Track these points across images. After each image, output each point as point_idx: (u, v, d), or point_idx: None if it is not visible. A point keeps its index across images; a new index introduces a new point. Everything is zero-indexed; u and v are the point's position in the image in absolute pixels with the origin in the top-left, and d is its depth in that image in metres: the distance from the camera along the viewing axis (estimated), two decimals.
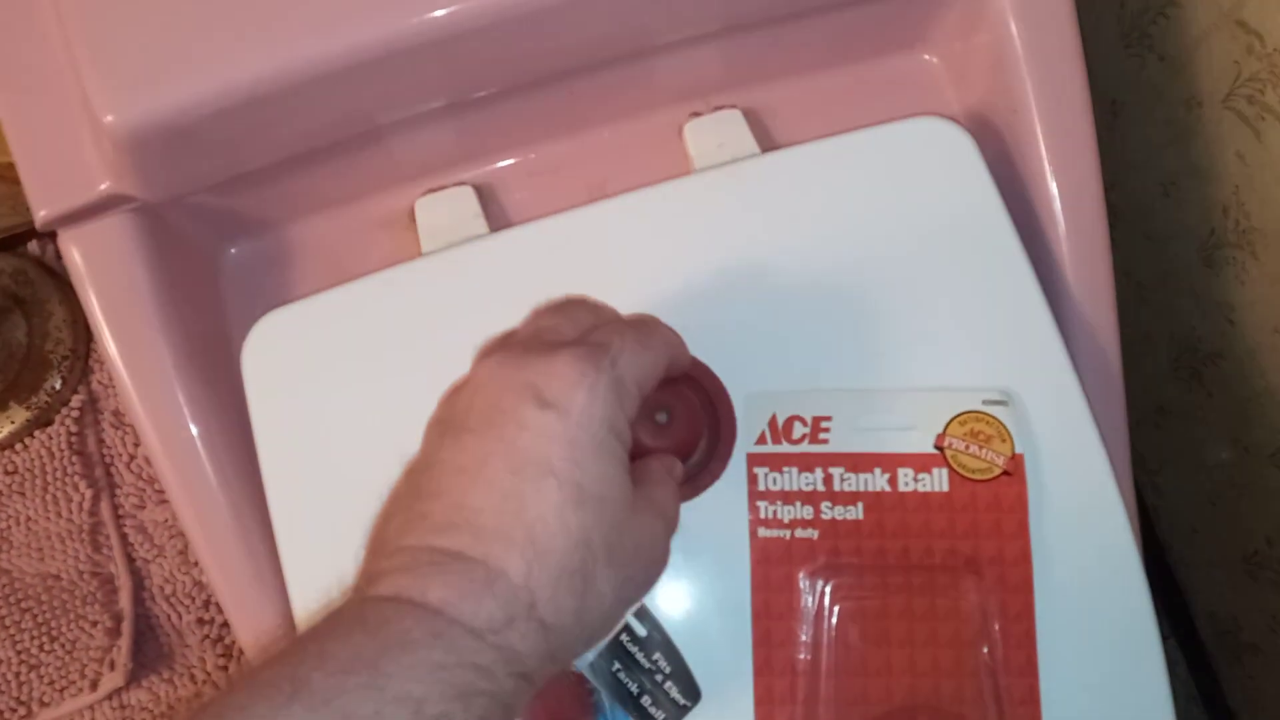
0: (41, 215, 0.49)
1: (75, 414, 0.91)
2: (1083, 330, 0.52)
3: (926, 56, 0.57)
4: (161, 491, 0.90)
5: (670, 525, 0.38)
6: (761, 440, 0.47)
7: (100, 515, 0.90)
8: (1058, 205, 0.52)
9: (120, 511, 0.90)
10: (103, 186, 0.48)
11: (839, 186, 0.50)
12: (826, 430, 0.47)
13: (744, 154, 0.54)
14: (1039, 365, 0.48)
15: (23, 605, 0.88)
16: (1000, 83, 0.53)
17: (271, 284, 0.56)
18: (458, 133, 0.55)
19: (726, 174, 0.52)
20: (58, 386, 0.91)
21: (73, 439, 0.91)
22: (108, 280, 0.50)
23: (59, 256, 0.95)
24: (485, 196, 0.56)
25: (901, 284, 0.50)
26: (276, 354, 0.50)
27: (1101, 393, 0.51)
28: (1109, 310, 0.51)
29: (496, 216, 0.57)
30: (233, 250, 0.56)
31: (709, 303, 0.49)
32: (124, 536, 0.90)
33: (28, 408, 0.91)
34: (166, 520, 0.90)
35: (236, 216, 0.54)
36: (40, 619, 0.88)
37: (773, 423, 0.47)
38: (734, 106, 0.57)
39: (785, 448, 0.47)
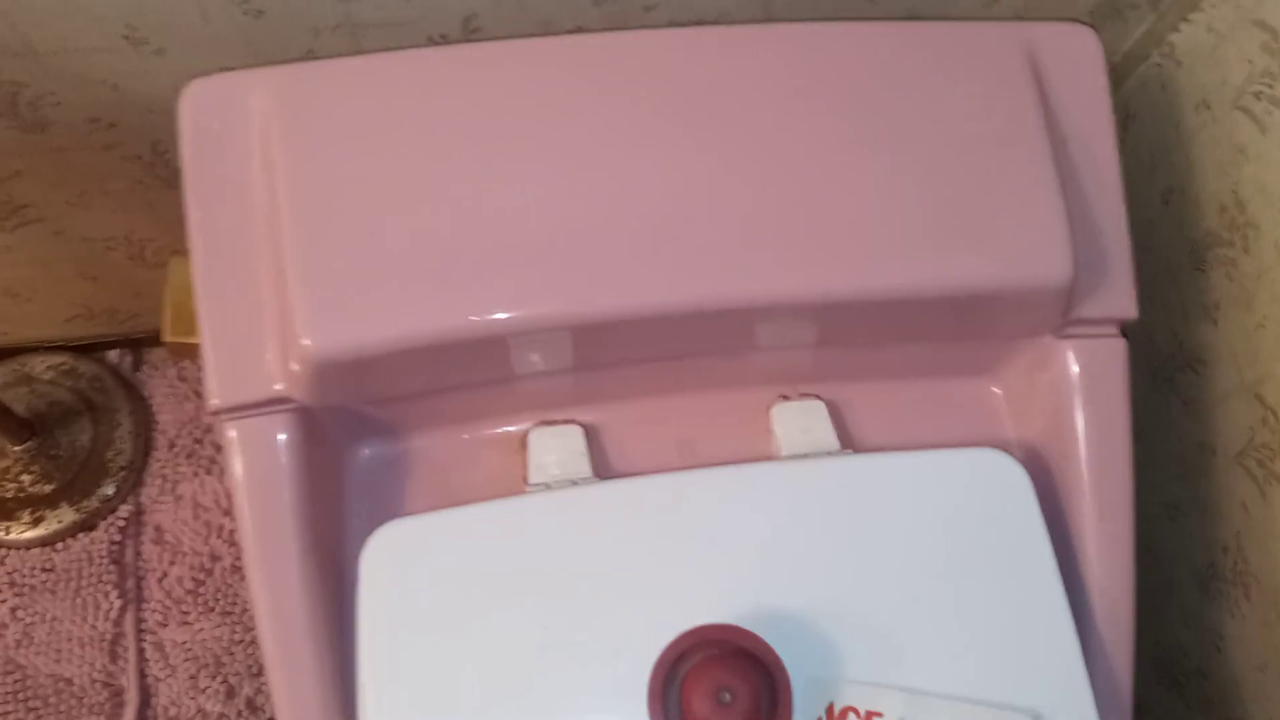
0: (215, 403, 0.55)
1: (120, 523, 0.95)
2: (1101, 657, 0.59)
3: (994, 389, 0.65)
4: (186, 612, 0.94)
5: None
6: None
7: (124, 627, 0.93)
8: (1092, 549, 0.59)
9: (143, 626, 0.93)
10: (276, 388, 0.54)
11: (907, 499, 0.57)
12: None
13: (825, 444, 0.62)
14: (1064, 693, 0.54)
15: (29, 704, 0.90)
16: (1055, 429, 0.61)
17: (386, 484, 0.62)
18: (576, 382, 0.62)
19: (809, 468, 0.59)
20: (110, 494, 0.95)
21: (113, 547, 0.94)
22: (258, 468, 0.55)
23: (135, 368, 1.01)
24: (590, 434, 0.63)
25: (951, 597, 0.56)
26: (393, 562, 0.55)
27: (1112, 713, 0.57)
28: (1127, 651, 0.58)
29: (598, 455, 0.63)
30: (356, 449, 0.62)
31: (779, 585, 0.55)
32: (141, 651, 0.92)
33: (77, 510, 0.94)
34: (185, 642, 0.93)
35: (369, 423, 0.60)
36: None
37: (829, 710, 0.53)
38: (817, 397, 0.64)
39: None
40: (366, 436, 0.61)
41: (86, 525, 0.95)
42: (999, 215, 0.56)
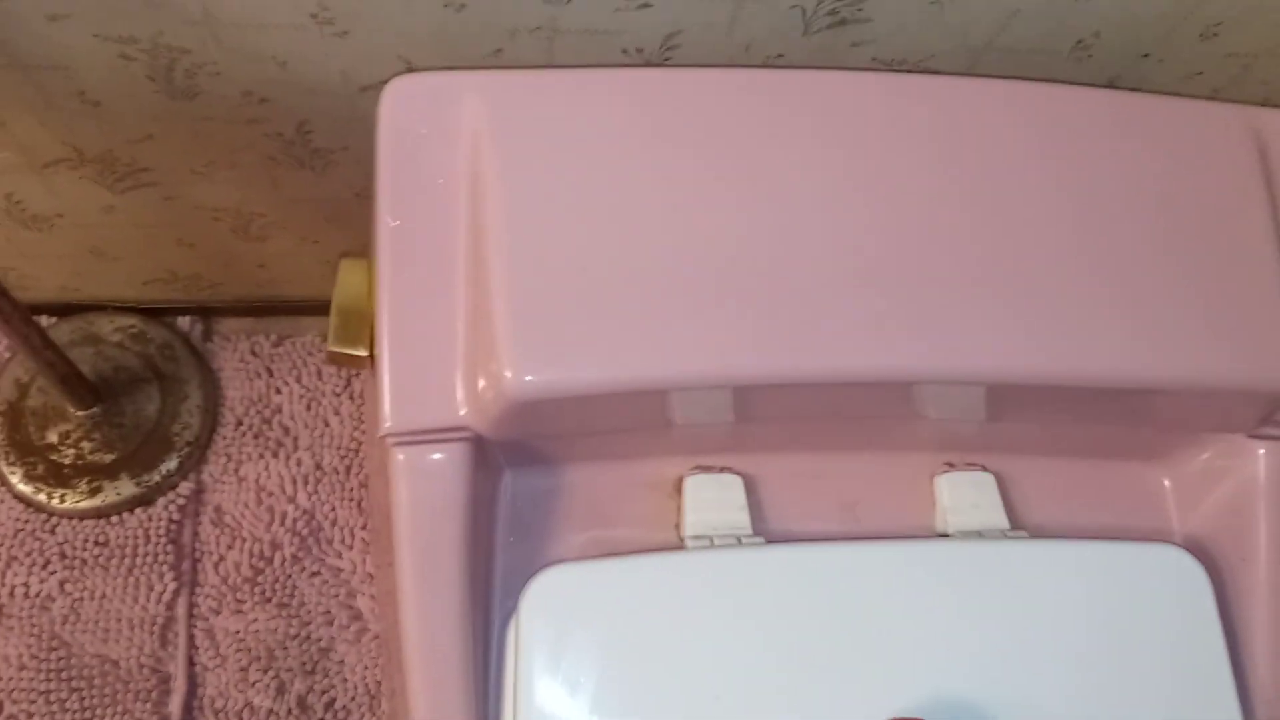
0: (388, 425, 0.51)
1: (181, 501, 0.91)
2: None
3: (1164, 478, 0.63)
4: (240, 601, 0.90)
5: None
6: None
7: (176, 610, 0.89)
8: (1262, 659, 0.57)
9: (195, 611, 0.89)
10: (460, 415, 0.51)
11: (1085, 590, 0.55)
12: None
13: (994, 522, 0.59)
14: None
15: (73, 684, 0.86)
16: (1232, 529, 0.59)
17: (537, 514, 0.58)
18: (737, 431, 0.59)
19: (983, 551, 0.56)
20: (172, 469, 0.91)
21: (172, 526, 0.90)
22: (426, 497, 0.52)
23: (206, 338, 0.96)
24: (748, 484, 0.60)
25: (1125, 696, 0.54)
26: (554, 609, 0.52)
27: None
28: None
29: (755, 507, 0.60)
30: (511, 477, 0.59)
31: (952, 672, 0.53)
32: (192, 638, 0.88)
33: (137, 483, 0.90)
34: (238, 631, 0.89)
35: (530, 453, 0.57)
36: (87, 703, 0.86)
37: None
38: (984, 468, 0.62)
39: None
40: (522, 466, 0.58)
41: (145, 500, 0.90)
42: (1224, 308, 0.54)
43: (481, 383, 0.50)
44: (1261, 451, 0.58)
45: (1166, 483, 0.64)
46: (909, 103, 0.57)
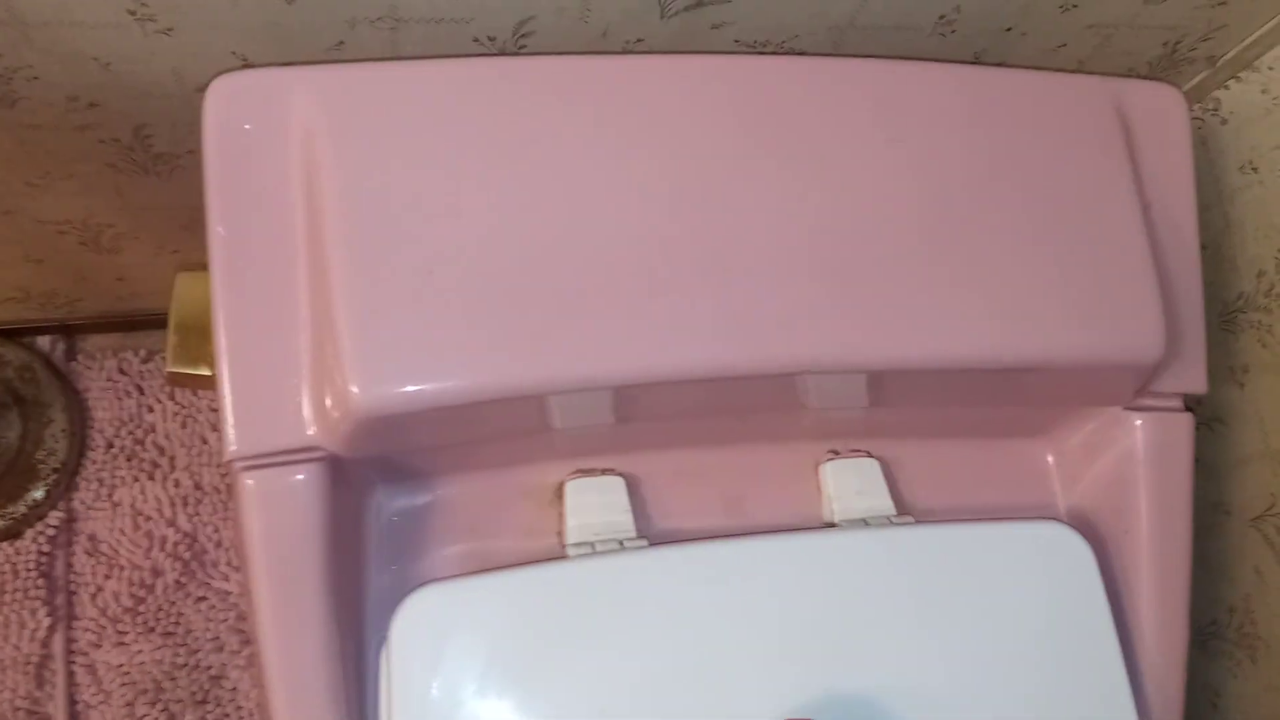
0: (233, 449, 0.48)
1: (50, 532, 0.86)
2: None
3: (1046, 454, 0.63)
4: (122, 633, 0.85)
5: None
6: None
7: (52, 648, 0.84)
8: (1148, 629, 0.58)
9: (74, 647, 0.84)
10: (309, 434, 0.48)
11: (972, 573, 0.55)
12: None
13: (880, 508, 0.59)
14: None
15: None
16: (1113, 501, 0.59)
17: (410, 534, 0.56)
18: (616, 433, 0.57)
19: (871, 539, 0.56)
20: (39, 499, 0.86)
21: (42, 559, 0.85)
22: (279, 522, 0.49)
23: (69, 358, 0.91)
24: (631, 486, 0.58)
25: (1016, 676, 0.54)
26: (427, 632, 0.49)
27: None
28: None
29: (639, 509, 0.58)
30: (378, 496, 0.56)
31: (842, 666, 0.52)
32: (71, 675, 0.84)
33: (1, 516, 0.85)
34: (122, 665, 0.84)
35: (395, 469, 0.54)
36: None
37: None
38: (869, 454, 0.61)
39: None
40: (390, 483, 0.55)
41: (12, 533, 0.85)
42: (1090, 283, 0.54)
43: (328, 399, 0.47)
44: (1138, 423, 0.58)
45: (1050, 458, 0.63)
46: (770, 86, 0.55)
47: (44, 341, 0.91)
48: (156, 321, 0.92)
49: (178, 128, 0.63)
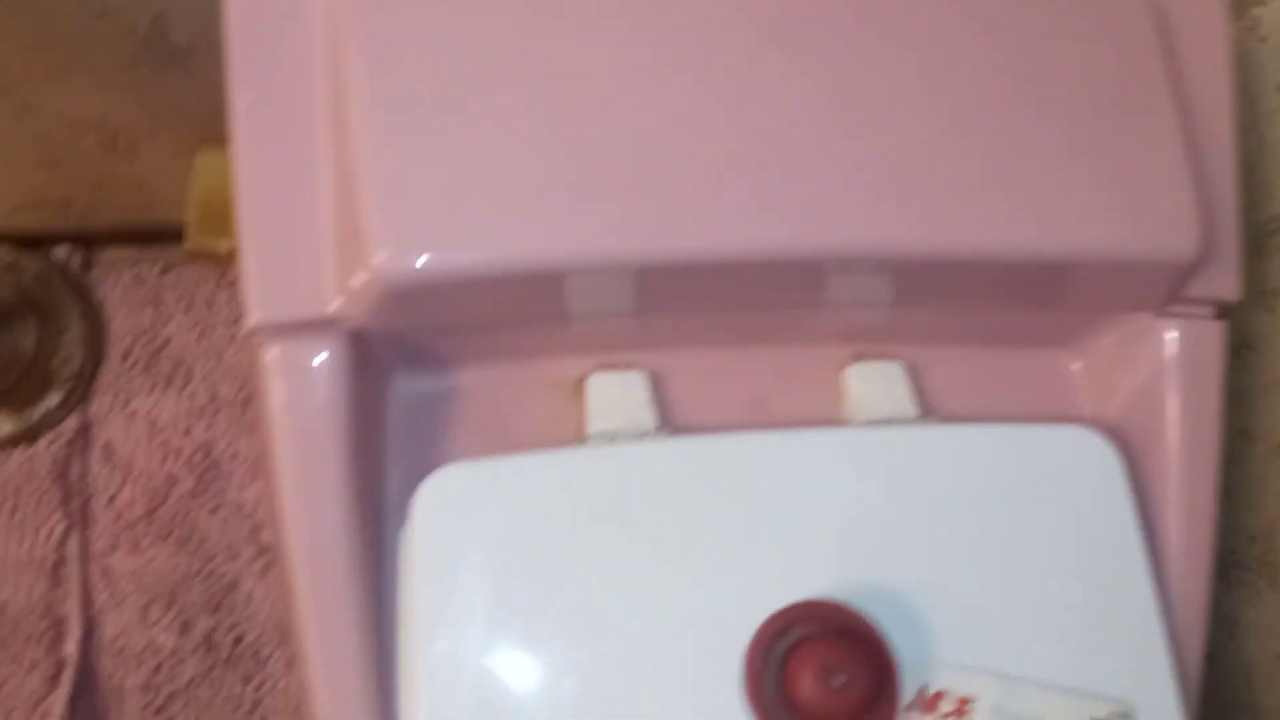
0: (256, 318, 0.47)
1: (66, 438, 0.86)
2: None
3: (1076, 365, 0.62)
4: (137, 539, 0.85)
5: None
6: (907, 709, 0.49)
7: (67, 551, 0.84)
8: (1174, 537, 0.57)
9: (88, 551, 0.85)
10: (336, 305, 0.47)
11: (995, 473, 0.54)
12: (966, 715, 0.49)
13: (904, 410, 0.58)
14: (1149, 682, 0.52)
15: None
16: (1141, 410, 0.58)
17: (431, 421, 0.55)
18: (641, 325, 0.56)
19: (894, 436, 0.55)
20: (54, 405, 0.86)
21: (56, 464, 0.85)
22: (302, 395, 0.48)
23: (86, 268, 0.90)
24: (654, 382, 0.57)
25: (1038, 578, 0.53)
26: (449, 510, 0.49)
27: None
28: (1198, 647, 0.56)
29: (662, 405, 0.58)
30: (401, 381, 0.55)
31: (864, 559, 0.51)
32: (86, 578, 0.84)
33: (17, 420, 0.85)
34: (136, 570, 0.85)
35: (418, 352, 0.54)
36: None
37: (921, 694, 0.49)
38: (894, 358, 0.60)
39: None
40: (412, 367, 0.55)
41: (27, 437, 0.85)
42: (1125, 178, 0.52)
43: (354, 269, 0.46)
44: (1170, 331, 0.57)
45: (1077, 367, 0.62)
46: None
47: (61, 251, 0.90)
48: (175, 234, 0.91)
49: (195, 20, 0.62)
